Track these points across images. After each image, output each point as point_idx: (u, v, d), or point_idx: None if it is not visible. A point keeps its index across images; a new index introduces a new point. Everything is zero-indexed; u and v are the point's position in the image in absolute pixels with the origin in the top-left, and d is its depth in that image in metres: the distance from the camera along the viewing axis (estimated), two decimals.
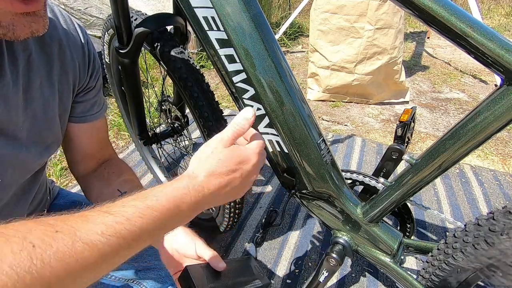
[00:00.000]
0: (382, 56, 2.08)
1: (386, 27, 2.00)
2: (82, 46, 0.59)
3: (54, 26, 0.54)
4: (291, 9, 4.20)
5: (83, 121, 0.65)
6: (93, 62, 0.62)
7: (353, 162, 1.69)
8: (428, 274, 0.66)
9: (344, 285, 1.05)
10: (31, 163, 0.56)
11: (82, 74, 0.61)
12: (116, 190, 0.66)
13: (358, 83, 2.18)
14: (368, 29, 2.01)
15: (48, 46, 0.53)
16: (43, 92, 0.53)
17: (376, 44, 2.04)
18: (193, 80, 0.77)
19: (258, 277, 0.56)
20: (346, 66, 2.15)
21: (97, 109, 0.67)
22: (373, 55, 2.08)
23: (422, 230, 1.27)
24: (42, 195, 0.67)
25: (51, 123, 0.57)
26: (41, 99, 0.53)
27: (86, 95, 0.64)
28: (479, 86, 2.68)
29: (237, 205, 0.95)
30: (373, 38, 2.02)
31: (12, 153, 0.50)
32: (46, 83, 0.53)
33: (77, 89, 0.61)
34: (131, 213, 0.35)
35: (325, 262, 0.77)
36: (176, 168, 1.54)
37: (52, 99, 0.55)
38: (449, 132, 0.56)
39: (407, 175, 0.63)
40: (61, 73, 0.56)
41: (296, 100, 0.65)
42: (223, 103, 2.26)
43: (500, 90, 0.49)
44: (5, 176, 0.51)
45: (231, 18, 0.59)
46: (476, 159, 1.75)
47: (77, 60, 0.58)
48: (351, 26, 2.04)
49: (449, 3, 0.47)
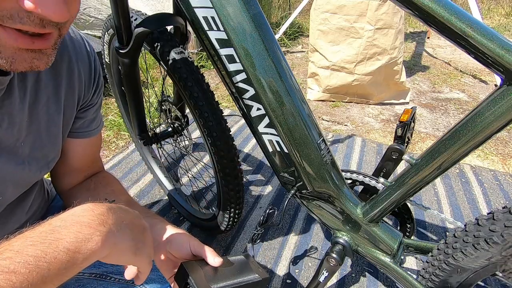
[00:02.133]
0: (382, 57, 2.07)
1: (386, 27, 2.00)
2: (89, 63, 0.59)
3: (65, 42, 0.54)
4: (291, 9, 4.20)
5: (80, 137, 0.64)
6: (98, 79, 0.62)
7: (353, 162, 1.69)
8: (428, 274, 0.66)
9: (344, 285, 1.05)
10: (31, 178, 0.56)
11: (87, 91, 0.61)
12: (104, 199, 0.65)
13: (358, 83, 2.17)
14: (368, 29, 2.00)
15: (58, 64, 0.53)
16: (49, 108, 0.53)
17: (376, 44, 2.04)
18: (193, 80, 0.77)
19: (256, 271, 0.55)
20: (346, 66, 2.15)
21: (95, 126, 0.67)
22: (373, 56, 2.08)
23: (422, 230, 1.27)
24: (40, 200, 0.67)
25: (54, 138, 0.56)
26: (46, 115, 0.53)
27: (87, 111, 0.64)
28: (479, 86, 2.68)
29: (237, 205, 0.95)
30: (373, 38, 2.02)
31: (14, 170, 0.50)
32: (52, 99, 0.53)
33: (80, 105, 0.61)
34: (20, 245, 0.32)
35: (325, 262, 0.77)
36: (176, 168, 1.55)
37: (57, 115, 0.55)
38: (449, 132, 0.56)
39: (407, 175, 0.63)
40: (68, 89, 0.56)
41: (296, 100, 0.65)
42: (223, 103, 2.26)
43: (500, 90, 0.49)
44: (5, 194, 0.50)
45: (231, 18, 0.59)
46: (476, 159, 1.75)
47: (83, 77, 0.59)
48: (351, 26, 2.04)
49: (449, 3, 0.47)
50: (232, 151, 0.84)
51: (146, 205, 1.34)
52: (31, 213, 0.64)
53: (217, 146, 0.81)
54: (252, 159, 1.66)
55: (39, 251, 0.31)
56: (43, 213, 0.70)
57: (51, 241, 0.33)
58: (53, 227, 0.34)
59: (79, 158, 0.67)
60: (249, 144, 1.78)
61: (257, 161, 1.64)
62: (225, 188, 0.90)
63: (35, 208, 0.65)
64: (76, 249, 0.34)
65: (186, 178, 1.49)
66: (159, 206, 1.34)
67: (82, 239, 0.34)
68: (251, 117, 0.69)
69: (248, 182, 1.50)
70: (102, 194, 0.66)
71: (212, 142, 0.81)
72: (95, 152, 0.71)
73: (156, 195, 1.40)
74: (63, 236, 0.34)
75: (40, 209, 0.68)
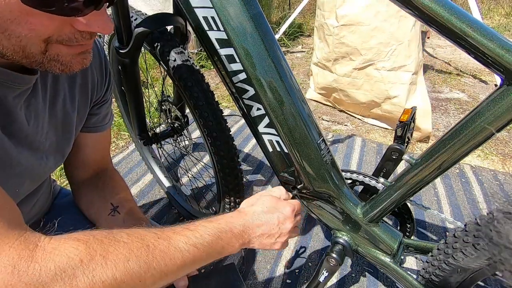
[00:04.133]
0: (355, 57, 1.87)
1: (353, 24, 1.79)
2: (100, 62, 0.62)
3: None
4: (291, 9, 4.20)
5: (93, 131, 0.68)
6: (109, 77, 0.65)
7: (353, 162, 1.69)
8: (428, 274, 0.66)
9: (344, 285, 1.05)
10: (47, 173, 0.59)
11: (99, 88, 0.63)
12: (109, 203, 0.69)
13: (338, 85, 2.03)
14: (335, 26, 1.89)
15: None
16: (65, 105, 0.56)
17: (344, 43, 1.87)
18: (193, 80, 0.77)
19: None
20: (327, 64, 2.06)
21: (107, 120, 0.71)
22: (346, 55, 1.91)
23: (422, 230, 1.27)
24: (46, 196, 0.69)
25: (69, 134, 0.59)
26: (62, 111, 0.56)
27: (101, 107, 0.67)
28: (479, 86, 2.68)
29: (237, 205, 0.95)
30: (340, 36, 1.87)
31: (34, 164, 0.52)
32: (68, 96, 0.56)
33: (93, 102, 0.64)
34: (203, 231, 0.49)
35: (325, 262, 0.77)
36: (176, 168, 1.54)
37: (72, 111, 0.58)
38: (449, 132, 0.56)
39: (407, 175, 0.63)
40: (82, 87, 0.59)
41: (296, 100, 0.65)
42: (223, 103, 2.26)
43: (500, 90, 0.49)
44: (22, 187, 0.52)
45: (231, 18, 0.59)
46: (476, 159, 1.75)
47: (96, 75, 0.61)
48: (325, 22, 1.97)
49: (449, 3, 0.47)
50: (232, 151, 0.84)
51: (146, 205, 1.34)
52: (39, 205, 0.65)
53: (217, 146, 0.81)
54: (252, 159, 1.66)
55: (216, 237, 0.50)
56: (47, 210, 0.72)
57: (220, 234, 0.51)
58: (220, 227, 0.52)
59: (91, 152, 0.71)
60: (249, 144, 1.78)
61: (257, 161, 1.64)
62: (225, 188, 0.90)
63: (41, 204, 0.67)
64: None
65: (186, 178, 1.49)
66: (159, 206, 1.34)
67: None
68: (251, 117, 0.69)
69: (248, 182, 1.50)
70: (109, 198, 0.70)
71: (212, 142, 0.81)
72: (105, 146, 0.75)
73: (156, 195, 1.40)
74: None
75: (47, 205, 0.70)
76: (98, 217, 0.68)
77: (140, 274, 0.39)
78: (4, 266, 0.32)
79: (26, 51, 0.37)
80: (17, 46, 0.36)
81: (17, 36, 0.34)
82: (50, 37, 0.37)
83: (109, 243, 0.39)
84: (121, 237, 0.40)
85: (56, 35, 0.37)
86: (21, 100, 0.46)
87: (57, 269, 0.34)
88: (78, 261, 0.35)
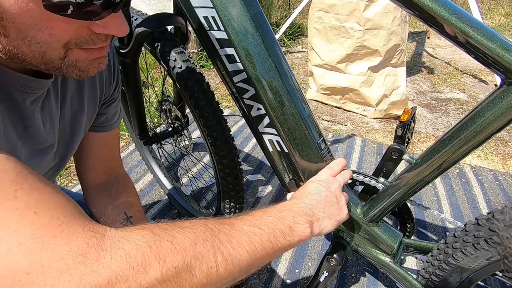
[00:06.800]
0: (375, 58, 2.01)
1: (376, 28, 1.93)
2: (108, 59, 0.61)
3: None
4: (291, 9, 4.20)
5: (102, 130, 0.67)
6: (117, 75, 0.65)
7: (353, 162, 1.69)
8: (428, 274, 0.66)
9: (344, 285, 1.05)
10: (54, 175, 0.59)
11: (108, 87, 0.63)
12: (123, 212, 0.69)
13: (350, 85, 2.11)
14: (357, 30, 1.95)
15: None
16: (73, 106, 0.56)
17: (366, 46, 1.98)
18: (193, 80, 0.77)
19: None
20: (338, 66, 2.11)
21: (116, 118, 0.70)
22: (364, 56, 2.03)
23: (422, 230, 1.27)
24: None
25: (77, 135, 0.59)
26: (70, 113, 0.56)
27: (109, 106, 0.66)
28: (479, 86, 2.68)
29: (237, 205, 0.95)
30: (363, 39, 1.97)
31: (45, 166, 0.53)
32: (76, 98, 0.56)
33: (102, 101, 0.63)
34: (262, 214, 0.50)
35: (325, 262, 0.77)
36: (176, 168, 1.55)
37: (80, 112, 0.58)
38: (449, 132, 0.56)
39: (407, 175, 0.63)
40: (90, 87, 0.59)
41: (296, 100, 0.65)
42: (223, 103, 2.26)
43: (500, 90, 0.49)
44: None
45: (231, 18, 0.59)
46: (476, 159, 1.76)
47: (104, 75, 0.61)
48: (341, 25, 2.00)
49: (449, 3, 0.47)
50: (232, 151, 0.84)
51: (146, 205, 1.34)
52: None
53: (217, 146, 0.81)
54: (252, 159, 1.67)
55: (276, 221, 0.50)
56: None
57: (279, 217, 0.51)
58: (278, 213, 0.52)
59: (100, 151, 0.70)
60: (249, 144, 1.78)
61: (257, 161, 1.64)
62: (225, 188, 0.90)
63: None
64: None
65: (186, 178, 1.49)
66: (159, 206, 1.34)
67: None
68: (251, 117, 0.69)
69: (248, 182, 1.50)
70: (123, 208, 0.69)
71: (212, 142, 0.81)
72: (114, 145, 0.74)
73: (156, 195, 1.40)
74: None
75: None
76: (110, 225, 0.68)
77: (208, 259, 0.38)
78: (75, 255, 0.31)
79: (46, 57, 0.37)
80: (37, 52, 0.36)
81: (37, 42, 0.35)
82: (69, 42, 0.37)
83: (173, 229, 0.39)
84: (183, 224, 0.41)
85: (75, 39, 0.37)
86: (37, 105, 0.46)
87: (128, 257, 0.33)
88: (147, 248, 0.35)
